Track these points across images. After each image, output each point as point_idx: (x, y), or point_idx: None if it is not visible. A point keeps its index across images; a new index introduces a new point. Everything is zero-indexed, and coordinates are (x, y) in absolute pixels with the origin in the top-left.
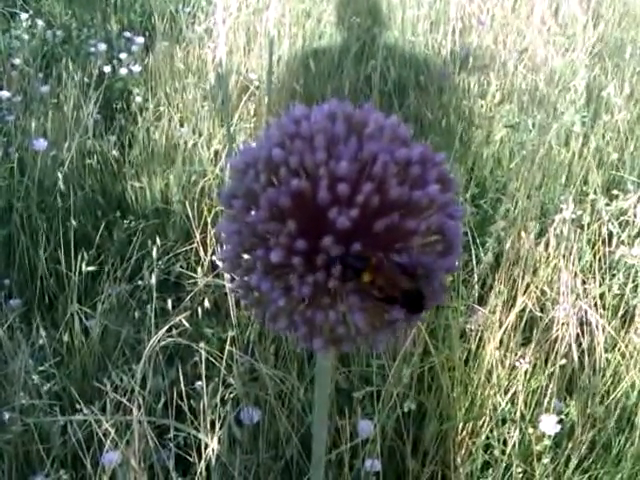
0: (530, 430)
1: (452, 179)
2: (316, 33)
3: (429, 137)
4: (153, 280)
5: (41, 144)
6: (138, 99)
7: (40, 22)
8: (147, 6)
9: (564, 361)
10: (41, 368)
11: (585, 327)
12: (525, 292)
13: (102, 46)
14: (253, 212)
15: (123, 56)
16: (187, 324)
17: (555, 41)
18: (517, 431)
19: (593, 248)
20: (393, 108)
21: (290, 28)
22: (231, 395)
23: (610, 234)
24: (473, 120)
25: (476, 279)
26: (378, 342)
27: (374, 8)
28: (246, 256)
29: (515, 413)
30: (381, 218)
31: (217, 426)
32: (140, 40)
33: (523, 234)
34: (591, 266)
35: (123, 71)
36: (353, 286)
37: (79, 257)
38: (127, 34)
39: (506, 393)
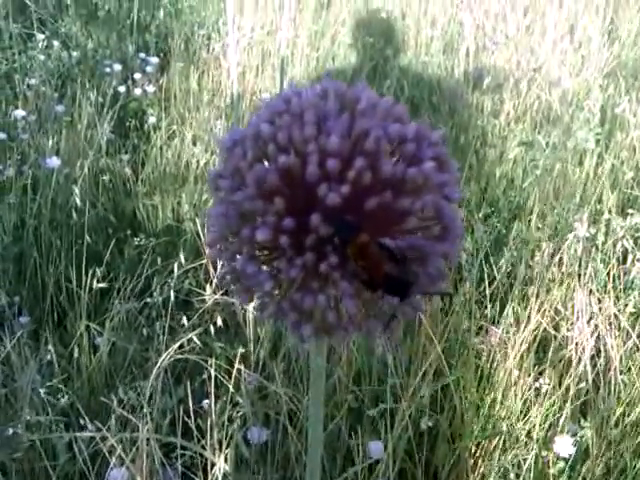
0: (544, 452)
1: (450, 159)
2: (329, 54)
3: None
4: (172, 297)
5: (54, 162)
6: (152, 119)
7: (56, 43)
8: (163, 28)
9: (581, 384)
10: (48, 384)
11: (600, 347)
12: (539, 311)
13: (117, 66)
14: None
15: (138, 76)
16: (197, 341)
17: (569, 61)
18: (532, 453)
19: (607, 267)
20: None
21: (303, 49)
22: (239, 413)
23: (625, 252)
24: (486, 139)
25: (489, 298)
26: (371, 331)
27: (388, 29)
28: (232, 239)
29: (529, 434)
30: (373, 196)
31: (224, 445)
32: (155, 61)
33: (537, 253)
34: (605, 285)
35: (137, 91)
36: (341, 267)
37: (89, 274)
38: (142, 55)
39: (520, 414)
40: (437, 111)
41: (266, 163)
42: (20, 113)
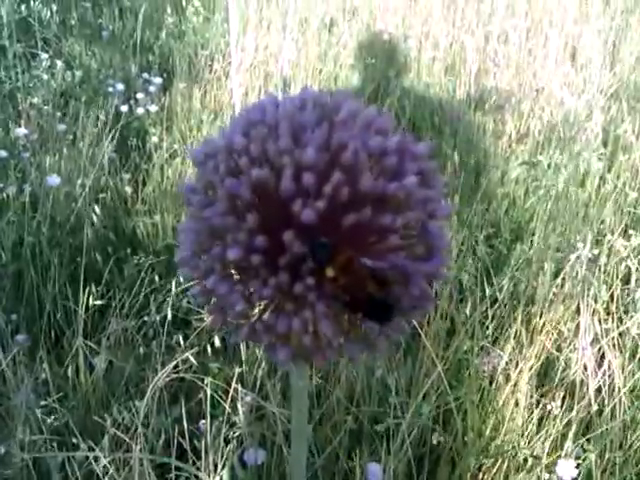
0: (547, 475)
1: (435, 174)
2: (332, 75)
3: (443, 176)
4: (169, 315)
5: (54, 180)
6: (154, 138)
7: (60, 62)
8: (166, 48)
9: (583, 403)
10: (43, 403)
11: (605, 368)
12: (542, 332)
13: (120, 86)
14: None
15: (140, 96)
16: (193, 360)
17: (571, 82)
18: (534, 476)
19: (610, 288)
20: None
21: (305, 69)
22: (235, 434)
23: (629, 272)
24: (488, 160)
25: (491, 319)
26: (352, 355)
27: (390, 51)
28: (204, 258)
29: (532, 457)
30: (351, 212)
31: (220, 466)
32: (158, 81)
33: (539, 274)
34: (608, 306)
35: (140, 111)
36: (317, 288)
37: (87, 292)
38: (145, 75)
39: (523, 436)
40: (439, 132)
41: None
42: (22, 131)
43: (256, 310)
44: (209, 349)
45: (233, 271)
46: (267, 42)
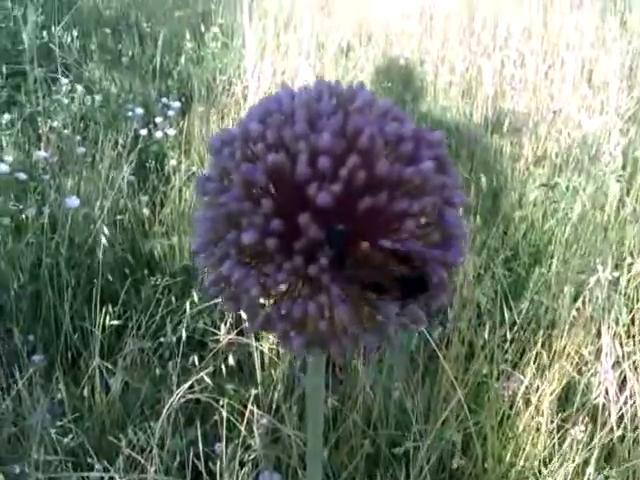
0: None
1: (450, 162)
2: None
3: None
4: (184, 336)
5: (73, 202)
6: (172, 161)
7: (80, 87)
8: (185, 74)
9: (606, 429)
10: (59, 423)
11: (627, 393)
12: (562, 356)
13: (139, 110)
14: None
15: (159, 120)
16: (209, 381)
17: (588, 105)
18: None
19: (631, 311)
20: None
21: None
22: (251, 457)
23: None
24: (506, 183)
25: (510, 343)
26: (368, 343)
27: (406, 75)
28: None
29: None
30: (367, 196)
31: None
32: (177, 105)
33: (559, 297)
34: (629, 329)
35: (159, 134)
36: (336, 272)
37: (103, 313)
38: (164, 99)
39: (543, 462)
40: (456, 155)
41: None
42: (42, 154)
43: (271, 299)
44: (225, 370)
45: (248, 259)
46: (285, 67)
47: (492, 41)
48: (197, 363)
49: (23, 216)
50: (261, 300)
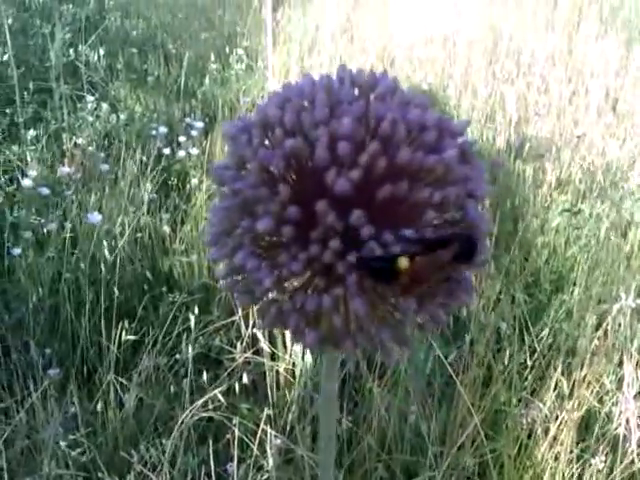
0: None
1: (474, 154)
2: None
3: None
4: (191, 353)
5: (95, 218)
6: (194, 180)
7: (105, 105)
8: (209, 94)
9: (626, 461)
10: (71, 437)
11: None
12: (583, 384)
13: (163, 129)
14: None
15: (182, 139)
16: (222, 399)
17: (612, 132)
18: None
19: None
20: None
21: None
22: (263, 478)
23: None
24: (528, 208)
25: (529, 369)
26: (383, 341)
27: (429, 99)
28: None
29: None
30: (387, 185)
31: None
32: (200, 125)
33: (580, 324)
34: None
35: (181, 153)
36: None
37: (120, 328)
38: (188, 119)
39: None
40: None
41: (270, 145)
42: (66, 170)
43: (285, 294)
44: (239, 388)
45: (262, 249)
46: None
47: (516, 67)
48: (212, 381)
49: (45, 230)
50: (275, 296)
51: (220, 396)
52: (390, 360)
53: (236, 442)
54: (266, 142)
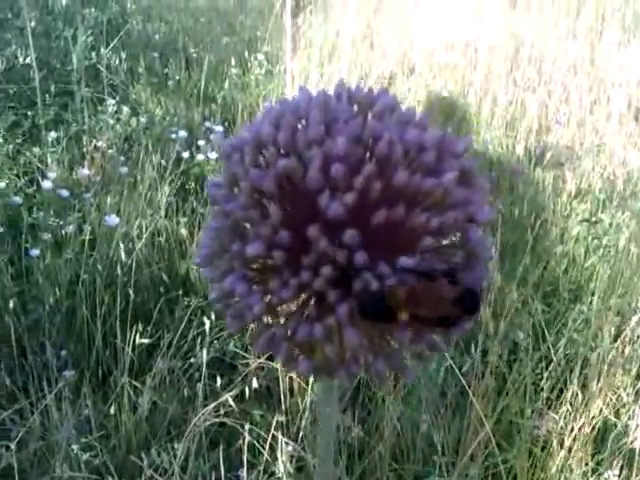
0: None
1: (478, 175)
2: None
3: (499, 231)
4: (204, 358)
5: (113, 220)
6: None
7: (126, 108)
8: (229, 98)
9: None
10: (84, 440)
11: None
12: (599, 396)
13: (183, 133)
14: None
15: (202, 143)
16: (234, 405)
17: (634, 142)
18: None
19: None
20: None
21: None
22: None
23: None
24: (547, 216)
25: (545, 380)
26: (379, 372)
27: (448, 107)
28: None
29: None
30: (382, 209)
31: None
32: (220, 129)
33: (598, 335)
34: None
35: (200, 157)
36: (340, 285)
37: (134, 331)
38: (208, 123)
39: None
40: (497, 188)
41: (263, 164)
42: (85, 172)
43: (278, 318)
44: (251, 394)
45: (254, 273)
46: None
47: (537, 75)
48: (226, 386)
49: (63, 232)
50: (269, 320)
51: (232, 401)
52: (384, 385)
53: (246, 448)
54: (261, 160)
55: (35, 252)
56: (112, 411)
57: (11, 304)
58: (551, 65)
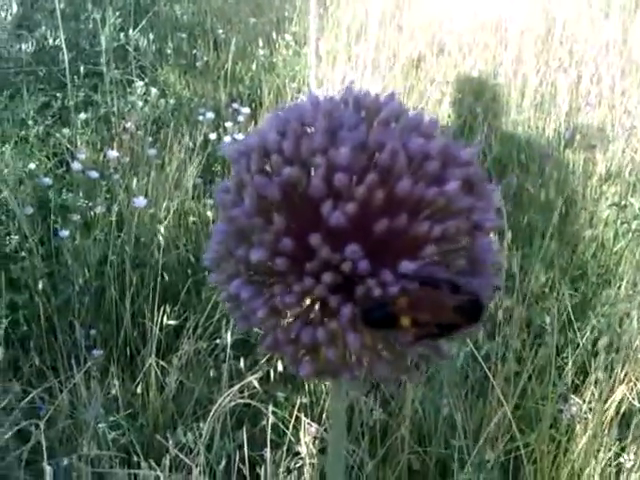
0: None
1: (484, 183)
2: (417, 109)
3: (528, 214)
4: (229, 339)
5: (141, 202)
6: None
7: (154, 90)
8: (256, 80)
9: None
10: (112, 419)
11: None
12: (623, 381)
13: (210, 115)
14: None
15: (229, 125)
16: (258, 387)
17: None
18: None
19: None
20: (491, 184)
21: None
22: (297, 465)
23: None
24: (576, 200)
25: (571, 364)
26: (381, 375)
27: (478, 87)
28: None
29: None
30: (384, 218)
31: None
32: (246, 111)
33: (625, 321)
34: None
35: (227, 139)
36: (341, 291)
37: (162, 312)
38: (235, 105)
39: None
40: (526, 170)
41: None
42: (114, 154)
43: (284, 320)
44: (276, 376)
45: (259, 277)
46: (355, 76)
47: (568, 56)
48: (250, 367)
49: (92, 213)
50: (271, 324)
51: (256, 383)
52: (391, 387)
53: (270, 428)
54: (267, 167)
55: (65, 233)
56: (139, 390)
57: (41, 285)
58: (583, 45)
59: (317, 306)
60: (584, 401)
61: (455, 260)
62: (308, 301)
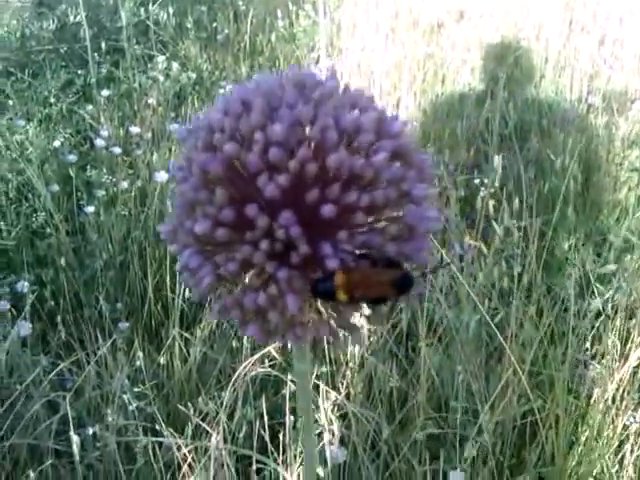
0: None
1: (416, 153)
2: (438, 75)
3: (549, 181)
4: None
5: (162, 177)
6: None
7: (175, 64)
8: (277, 51)
9: None
10: (137, 389)
11: None
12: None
13: (230, 87)
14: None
15: None
16: (276, 355)
17: None
18: None
19: None
20: (512, 151)
21: (410, 70)
22: (317, 432)
23: None
24: (599, 165)
25: (590, 330)
26: (324, 334)
27: (501, 51)
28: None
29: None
30: (315, 189)
31: (298, 462)
32: None
33: None
34: None
35: None
36: (278, 258)
37: (185, 285)
38: (255, 77)
39: (616, 455)
40: (548, 135)
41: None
42: (136, 130)
43: (227, 289)
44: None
45: (207, 248)
46: (375, 43)
47: (592, 19)
48: None
49: (115, 189)
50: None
51: (275, 353)
52: (340, 347)
53: (289, 396)
54: (209, 143)
55: (90, 209)
56: (164, 361)
57: (66, 260)
58: (607, 9)
59: (257, 273)
60: (602, 366)
61: (390, 227)
62: (254, 270)
